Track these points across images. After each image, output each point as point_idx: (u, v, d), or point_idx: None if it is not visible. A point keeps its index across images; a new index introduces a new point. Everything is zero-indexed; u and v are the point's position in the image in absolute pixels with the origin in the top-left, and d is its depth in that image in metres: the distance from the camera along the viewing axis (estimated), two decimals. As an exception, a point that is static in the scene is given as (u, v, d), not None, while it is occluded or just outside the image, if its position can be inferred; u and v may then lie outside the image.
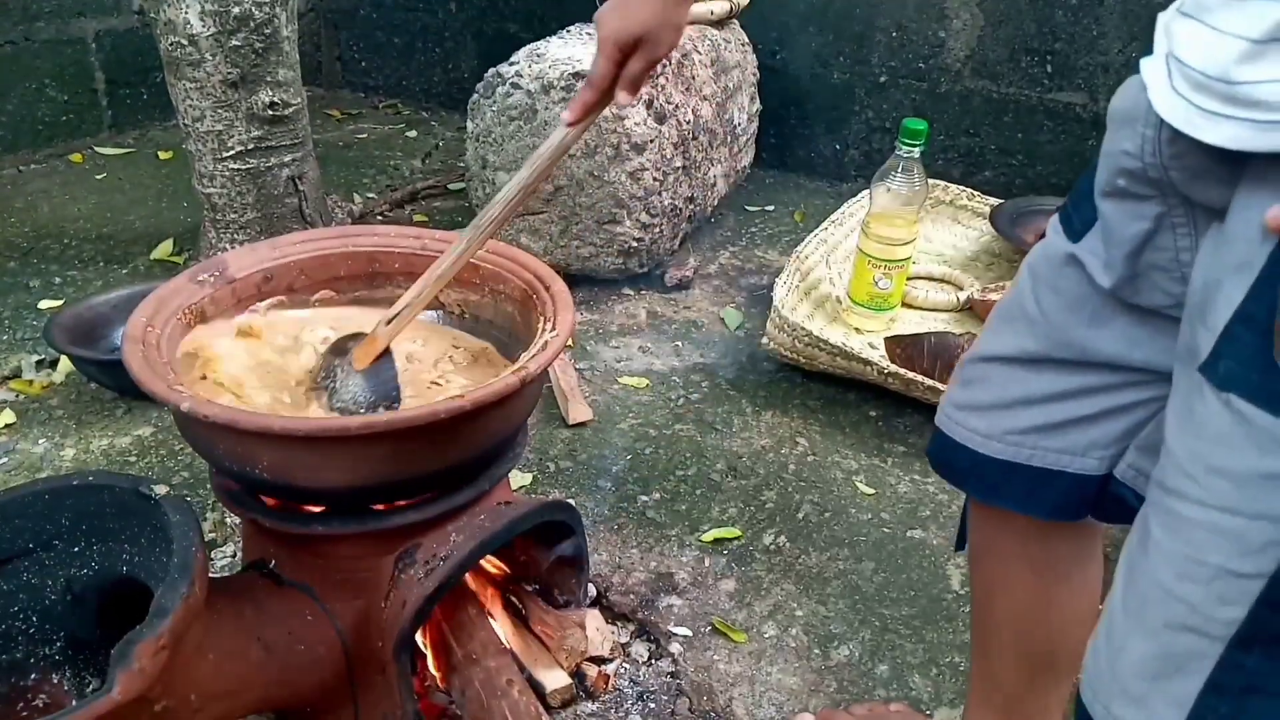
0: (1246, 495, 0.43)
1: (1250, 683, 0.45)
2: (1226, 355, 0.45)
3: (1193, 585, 0.46)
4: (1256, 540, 0.43)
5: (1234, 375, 0.44)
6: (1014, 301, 0.70)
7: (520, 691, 0.90)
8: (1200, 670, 0.46)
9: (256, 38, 1.70)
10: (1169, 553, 0.47)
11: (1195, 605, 0.46)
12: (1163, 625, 0.48)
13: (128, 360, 0.76)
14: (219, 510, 1.26)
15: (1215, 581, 0.45)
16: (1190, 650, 0.46)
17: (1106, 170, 0.59)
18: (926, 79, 2.41)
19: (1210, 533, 0.45)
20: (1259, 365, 0.42)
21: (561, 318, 0.86)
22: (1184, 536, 0.46)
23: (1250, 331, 0.44)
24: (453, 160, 2.64)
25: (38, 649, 0.77)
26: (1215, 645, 0.45)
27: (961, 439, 0.73)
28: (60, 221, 2.14)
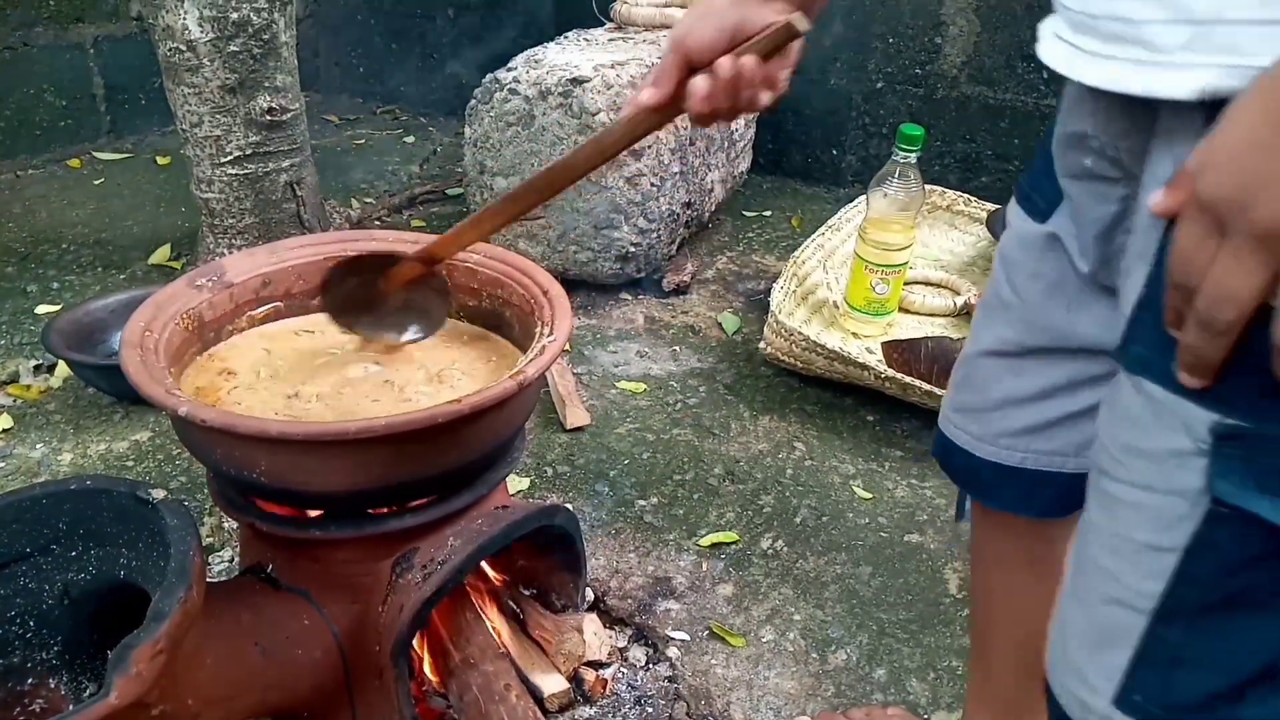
0: (1160, 472, 0.45)
1: (1174, 655, 0.46)
2: (1134, 340, 0.47)
3: (1120, 560, 0.48)
4: (1171, 515, 0.44)
5: (1142, 359, 0.46)
6: (991, 293, 0.70)
7: (518, 696, 0.90)
8: (1129, 643, 0.47)
9: (255, 43, 1.70)
10: (1100, 530, 0.49)
11: (1122, 579, 0.47)
12: (1097, 600, 0.49)
13: (125, 365, 0.76)
14: (216, 515, 1.26)
15: (1138, 556, 0.46)
16: (1119, 623, 0.48)
17: (1071, 152, 0.58)
18: (923, 85, 2.41)
19: (1132, 509, 0.47)
20: (1161, 348, 0.44)
21: (559, 323, 0.86)
22: (1112, 514, 0.48)
23: (1152, 316, 0.45)
24: (450, 166, 2.65)
25: (35, 654, 0.76)
26: (1141, 618, 0.46)
27: (960, 442, 0.73)
28: (58, 226, 2.14)
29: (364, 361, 0.92)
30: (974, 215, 2.16)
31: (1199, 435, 0.43)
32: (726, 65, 0.63)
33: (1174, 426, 0.44)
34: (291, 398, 0.86)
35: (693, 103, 0.64)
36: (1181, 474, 0.44)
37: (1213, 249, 0.37)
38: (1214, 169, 0.37)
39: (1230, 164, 0.37)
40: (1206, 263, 0.38)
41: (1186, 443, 0.43)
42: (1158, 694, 0.47)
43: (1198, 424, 0.43)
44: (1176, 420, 0.43)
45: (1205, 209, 0.38)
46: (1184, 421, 0.43)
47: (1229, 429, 0.42)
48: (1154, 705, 0.47)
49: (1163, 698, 0.47)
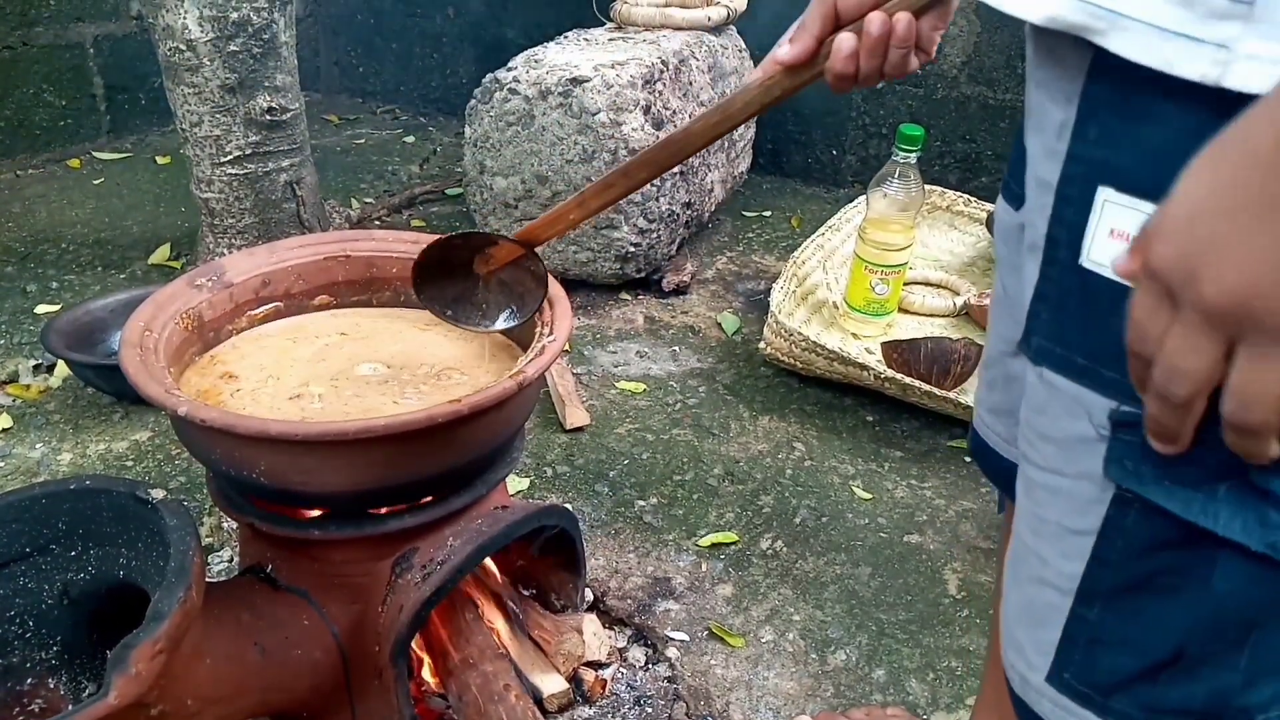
0: (1067, 457, 0.46)
1: (1093, 635, 0.47)
2: (1034, 332, 0.47)
3: (1042, 542, 0.48)
4: (1082, 499, 0.45)
5: (1041, 349, 0.46)
6: (994, 291, 0.70)
7: (517, 696, 0.90)
8: (1056, 622, 0.48)
9: (255, 43, 1.70)
10: (1025, 511, 0.50)
11: (1046, 560, 0.48)
12: (1026, 578, 0.50)
13: (125, 365, 0.76)
14: (216, 514, 1.26)
15: (1057, 538, 0.47)
16: (1046, 602, 0.48)
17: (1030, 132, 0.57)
18: (923, 85, 2.41)
19: (1048, 493, 0.47)
20: (1057, 338, 0.45)
21: (559, 323, 0.86)
22: (1032, 497, 0.49)
23: (1047, 308, 0.46)
24: (450, 165, 2.65)
25: (34, 653, 0.76)
26: (1065, 599, 0.47)
27: (992, 442, 0.73)
28: (58, 226, 2.14)
29: (366, 361, 0.92)
30: (974, 215, 2.16)
31: (1099, 421, 0.43)
32: (878, 20, 0.57)
33: (1076, 413, 0.44)
34: (294, 399, 0.86)
35: (836, 61, 0.59)
36: (1087, 459, 0.44)
37: (1165, 320, 0.36)
38: (1162, 237, 0.35)
39: (1177, 233, 0.35)
40: (1160, 334, 0.36)
41: (1088, 429, 0.44)
42: (1083, 672, 0.48)
43: (1097, 410, 0.43)
44: (1078, 407, 0.44)
45: (1153, 277, 0.36)
46: (1085, 408, 0.44)
47: (1126, 416, 0.42)
48: (1080, 683, 0.48)
49: (1087, 676, 0.47)
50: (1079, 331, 0.44)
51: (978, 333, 1.76)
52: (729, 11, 2.15)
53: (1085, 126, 0.43)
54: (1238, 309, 0.33)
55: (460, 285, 0.90)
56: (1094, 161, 0.43)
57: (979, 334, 1.75)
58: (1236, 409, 0.35)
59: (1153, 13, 0.38)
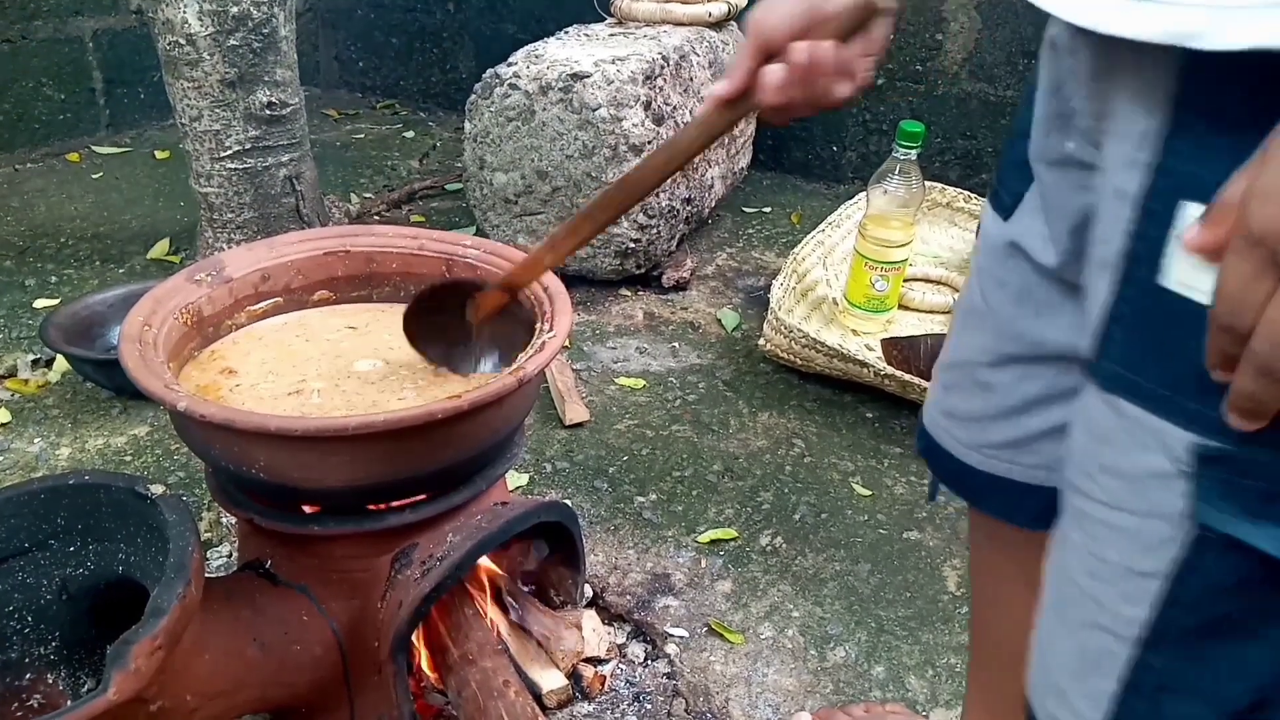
0: (1136, 493, 0.43)
1: (1161, 682, 0.44)
2: (1106, 356, 0.44)
3: (1100, 584, 0.45)
4: (1152, 538, 0.42)
5: (1113, 375, 0.44)
6: (967, 298, 0.68)
7: (516, 692, 0.90)
8: (1114, 669, 0.45)
9: (254, 37, 1.70)
10: (1079, 550, 0.47)
11: (1104, 603, 0.45)
12: (1079, 623, 0.47)
13: (124, 359, 0.76)
14: (215, 510, 1.26)
15: (1119, 580, 0.44)
16: (1103, 649, 0.46)
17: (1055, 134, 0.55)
18: (924, 81, 2.41)
19: (1110, 530, 0.45)
20: (1133, 365, 0.42)
21: (559, 319, 0.86)
22: (1089, 534, 0.46)
23: (1121, 330, 0.43)
24: (450, 161, 2.64)
25: (33, 649, 0.76)
26: (1125, 645, 0.44)
27: (947, 445, 0.72)
28: (57, 220, 2.13)
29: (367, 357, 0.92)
30: (974, 212, 2.16)
31: (1178, 456, 0.41)
32: (802, 50, 0.56)
33: (1151, 447, 0.42)
34: (294, 394, 0.85)
35: (764, 94, 0.58)
36: (1161, 496, 0.42)
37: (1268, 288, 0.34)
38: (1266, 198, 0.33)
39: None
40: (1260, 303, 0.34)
41: (1165, 464, 0.41)
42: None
43: (1177, 445, 0.41)
44: (1154, 440, 0.41)
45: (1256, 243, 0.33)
46: (1162, 442, 0.41)
47: (1211, 451, 0.40)
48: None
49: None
50: (1158, 358, 0.42)
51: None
52: (730, 7, 2.15)
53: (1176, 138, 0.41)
54: None
55: (453, 330, 0.89)
56: (1182, 175, 0.41)
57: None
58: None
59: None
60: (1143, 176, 0.42)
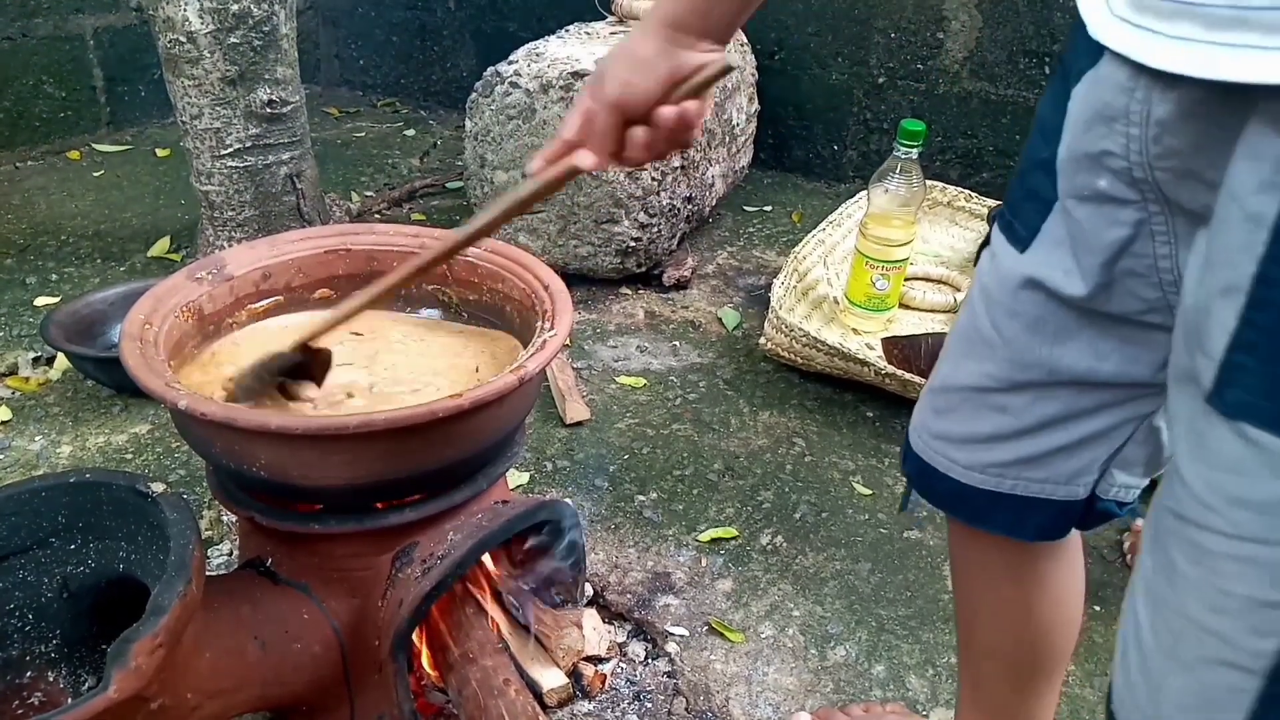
0: (1270, 523, 0.42)
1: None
2: (1233, 384, 0.43)
3: (1224, 618, 0.45)
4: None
5: (1243, 404, 0.43)
6: (969, 325, 0.68)
7: (517, 691, 0.90)
8: (1240, 705, 0.44)
9: (255, 35, 1.70)
10: (1197, 585, 0.46)
11: (1228, 639, 0.44)
12: (1197, 660, 0.46)
13: (125, 357, 0.76)
14: (216, 508, 1.26)
15: (1247, 613, 0.44)
16: (1228, 685, 0.45)
17: (1083, 173, 0.56)
18: (924, 80, 2.41)
19: (1238, 563, 0.44)
20: (1266, 391, 0.41)
21: (560, 317, 0.86)
22: (1210, 567, 0.45)
23: (1253, 358, 0.42)
24: (451, 159, 2.64)
25: (34, 647, 0.76)
26: (1253, 679, 0.44)
27: (942, 468, 0.71)
28: (57, 218, 2.13)
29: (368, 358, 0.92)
30: (975, 211, 2.16)
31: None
32: (670, 114, 0.62)
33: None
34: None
35: (633, 154, 0.64)
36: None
37: None
38: None
39: None
40: None
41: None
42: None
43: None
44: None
45: None
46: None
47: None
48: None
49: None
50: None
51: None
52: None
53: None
54: None
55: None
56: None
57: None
58: None
59: None
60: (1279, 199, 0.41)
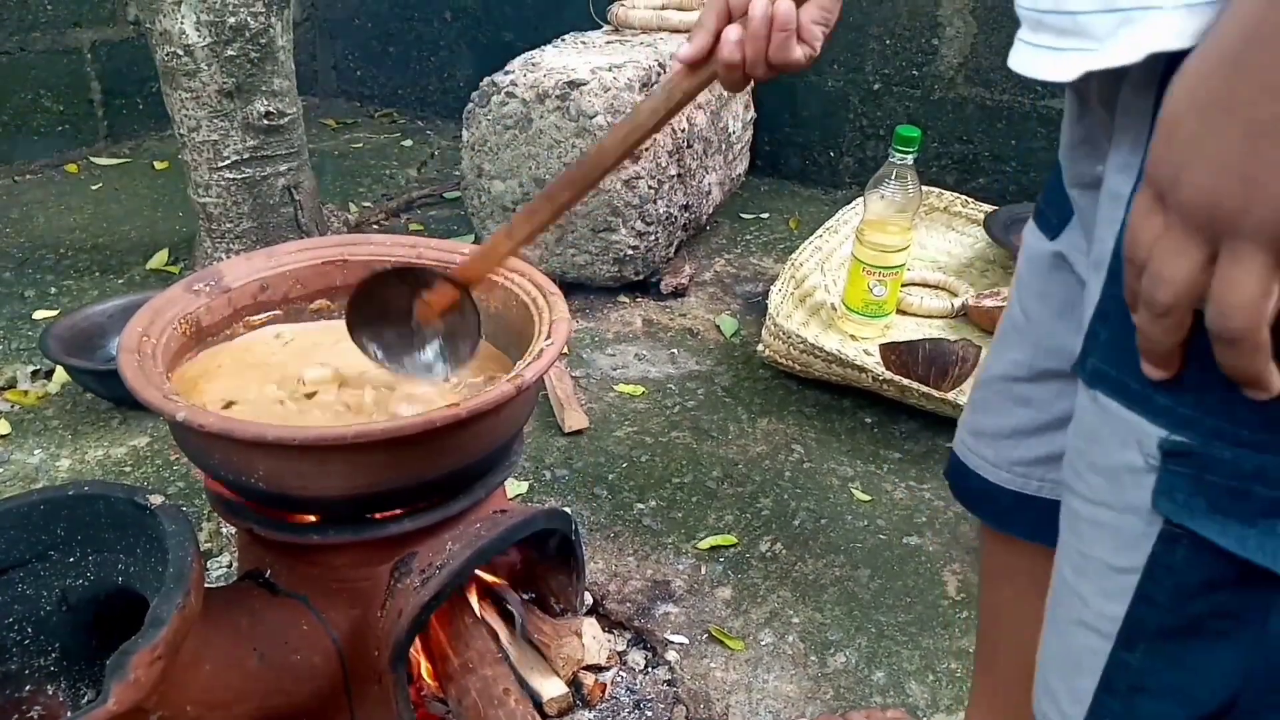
0: (1114, 489, 0.43)
1: (1136, 682, 0.44)
2: (1091, 353, 0.45)
3: (1083, 580, 0.46)
4: (1128, 534, 0.43)
5: (1097, 372, 0.44)
6: (1007, 315, 0.68)
7: (517, 700, 0.90)
8: (1095, 667, 0.45)
9: (252, 47, 1.70)
10: (1067, 548, 0.48)
11: (1086, 600, 0.45)
12: (1064, 620, 0.48)
13: (123, 370, 0.76)
14: (214, 520, 1.26)
15: (1099, 577, 0.45)
16: (1085, 647, 0.46)
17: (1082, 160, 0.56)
18: (920, 86, 2.42)
19: (1092, 526, 0.45)
20: (1114, 361, 0.43)
21: (557, 326, 0.86)
22: (1075, 531, 0.47)
23: (1105, 329, 0.44)
24: (448, 169, 2.65)
25: (32, 660, 0.76)
26: (1105, 642, 0.44)
27: (974, 465, 0.71)
28: (56, 231, 2.14)
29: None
30: (971, 217, 2.16)
31: (1149, 451, 0.41)
32: (761, 6, 0.61)
33: (1126, 441, 0.42)
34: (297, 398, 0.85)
35: (724, 51, 0.62)
36: (1135, 491, 0.42)
37: (1157, 226, 0.36)
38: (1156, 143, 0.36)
39: (1166, 138, 0.35)
40: (1150, 240, 0.37)
41: (1138, 458, 0.41)
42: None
43: (1148, 439, 0.41)
44: (1130, 435, 0.42)
45: (1149, 183, 0.37)
46: (1136, 436, 0.41)
47: (1177, 445, 0.40)
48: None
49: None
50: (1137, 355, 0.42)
51: (976, 334, 1.76)
52: None
53: None
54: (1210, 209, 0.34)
55: (397, 323, 0.84)
56: None
57: (977, 335, 1.75)
58: (1215, 316, 0.35)
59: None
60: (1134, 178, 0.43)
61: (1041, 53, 0.46)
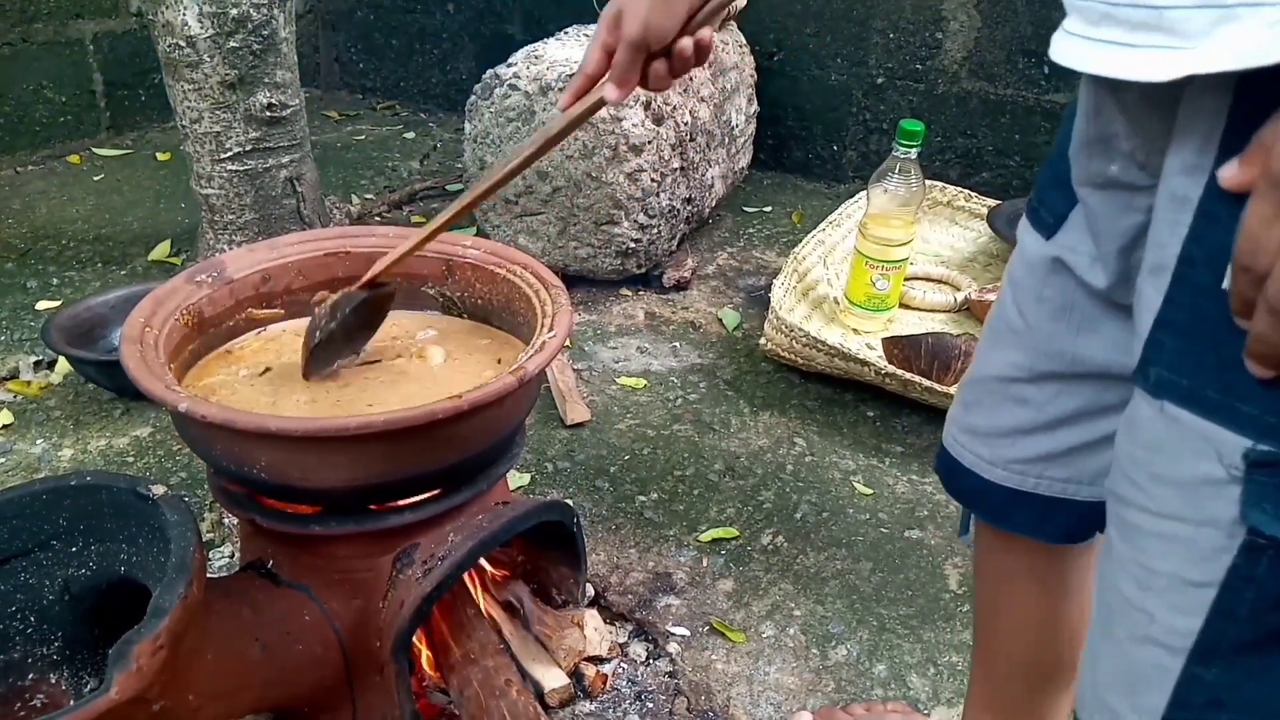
0: (1189, 501, 0.42)
1: (1213, 697, 0.43)
2: (1155, 362, 0.44)
3: (1149, 595, 0.45)
4: (1206, 547, 0.42)
5: (1164, 381, 0.43)
6: (998, 315, 0.68)
7: (519, 692, 0.90)
8: (1164, 684, 0.44)
9: (254, 39, 1.70)
10: (1126, 562, 0.46)
11: (1154, 616, 0.44)
12: (1126, 637, 0.46)
13: (125, 361, 0.76)
14: (217, 510, 1.26)
15: (1169, 591, 0.44)
16: (1152, 663, 0.45)
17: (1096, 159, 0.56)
18: (924, 80, 2.41)
19: (1161, 541, 0.44)
20: (1185, 370, 0.42)
21: (559, 319, 0.86)
22: (1138, 545, 0.45)
23: (1173, 337, 0.43)
24: (450, 162, 2.64)
25: (35, 649, 0.77)
26: (1176, 658, 0.44)
27: (968, 463, 0.71)
28: (58, 222, 2.14)
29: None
30: (974, 211, 2.16)
31: (1232, 462, 0.40)
32: (688, 45, 0.67)
33: (1204, 452, 0.41)
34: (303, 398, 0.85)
35: (655, 83, 0.69)
36: (1214, 503, 0.41)
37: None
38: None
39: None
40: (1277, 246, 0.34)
41: (1218, 470, 0.40)
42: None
43: (1230, 450, 0.40)
44: (1207, 446, 0.41)
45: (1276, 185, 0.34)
46: (1215, 447, 0.40)
47: (1264, 455, 0.39)
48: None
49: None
50: (1213, 363, 0.41)
51: (978, 328, 1.76)
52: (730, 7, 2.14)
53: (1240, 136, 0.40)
54: None
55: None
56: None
57: (979, 329, 1.74)
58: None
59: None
60: (1203, 181, 0.42)
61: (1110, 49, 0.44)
